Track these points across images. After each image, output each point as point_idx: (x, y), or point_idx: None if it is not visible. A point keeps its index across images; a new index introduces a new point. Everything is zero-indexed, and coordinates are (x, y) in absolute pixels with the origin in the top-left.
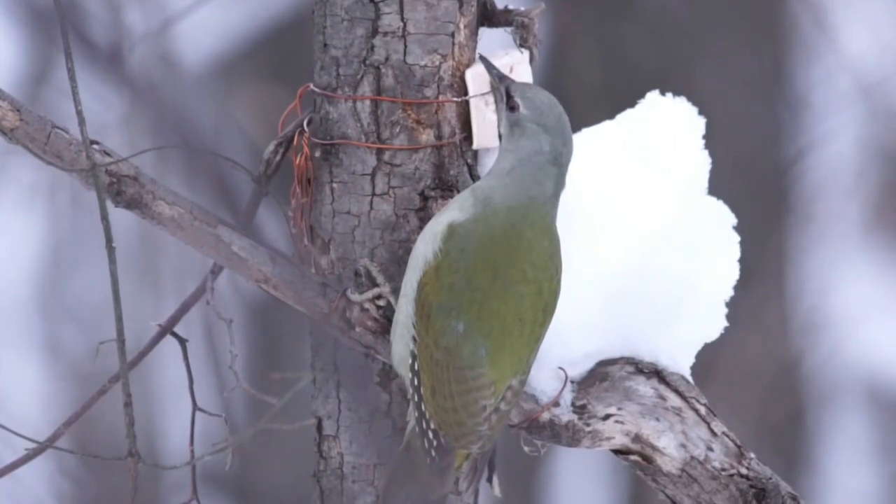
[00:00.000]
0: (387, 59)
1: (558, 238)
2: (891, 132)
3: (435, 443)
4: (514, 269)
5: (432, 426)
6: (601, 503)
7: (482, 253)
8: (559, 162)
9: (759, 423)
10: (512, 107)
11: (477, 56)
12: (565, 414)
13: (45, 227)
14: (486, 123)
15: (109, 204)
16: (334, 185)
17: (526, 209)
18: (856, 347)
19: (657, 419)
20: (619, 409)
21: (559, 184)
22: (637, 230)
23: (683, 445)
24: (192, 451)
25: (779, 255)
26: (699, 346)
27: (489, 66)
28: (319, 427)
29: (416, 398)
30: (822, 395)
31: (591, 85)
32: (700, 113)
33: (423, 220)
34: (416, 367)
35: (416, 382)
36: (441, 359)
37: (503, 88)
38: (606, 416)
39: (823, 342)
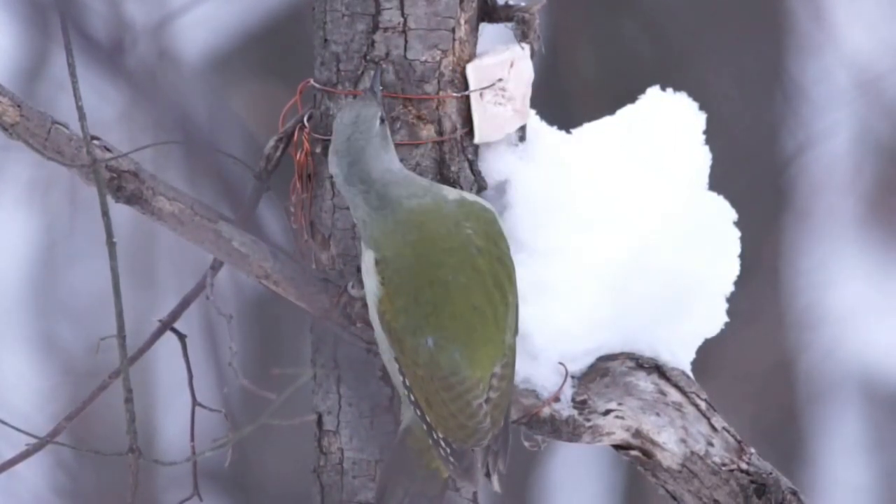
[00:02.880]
0: (387, 54)
1: (474, 208)
2: (888, 128)
3: (448, 450)
4: (439, 267)
5: (441, 435)
6: (597, 498)
7: (409, 269)
8: (351, 181)
9: (754, 418)
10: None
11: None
12: (566, 409)
13: (41, 223)
14: (487, 118)
15: (108, 199)
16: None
17: (381, 228)
18: (851, 343)
19: (657, 414)
20: (620, 404)
21: (367, 199)
22: (637, 226)
23: (684, 440)
24: (193, 447)
25: (775, 252)
26: (700, 342)
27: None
28: (320, 422)
29: (418, 412)
30: (817, 391)
31: (590, 80)
32: (700, 108)
33: None
34: (407, 384)
35: (412, 398)
36: (424, 374)
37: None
38: (607, 412)
39: (819, 338)
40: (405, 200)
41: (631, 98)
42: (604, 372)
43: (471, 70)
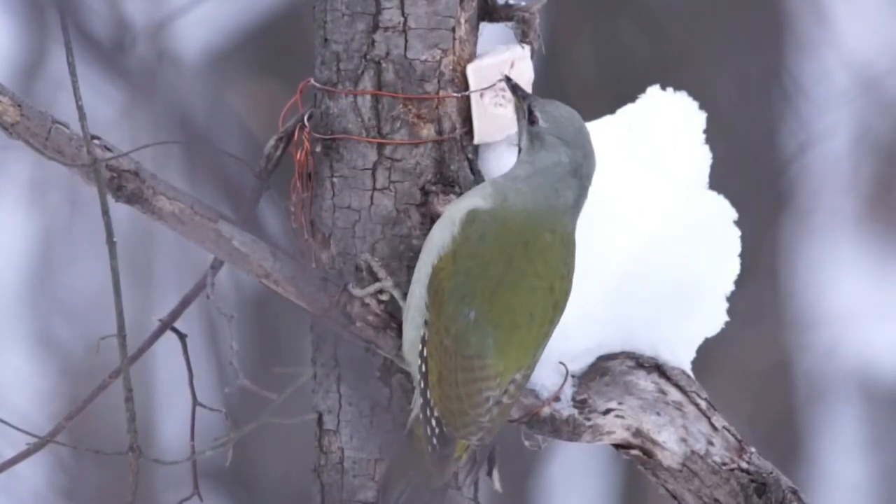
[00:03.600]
0: (387, 54)
1: (575, 245)
2: (887, 127)
3: (437, 430)
4: (528, 263)
5: (436, 413)
6: (596, 497)
7: (499, 243)
8: (579, 174)
9: (754, 417)
10: (532, 121)
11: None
12: (566, 408)
13: (40, 222)
14: (486, 118)
15: (108, 199)
16: (335, 179)
17: (545, 214)
18: (850, 342)
19: (658, 413)
20: (620, 403)
21: (581, 195)
22: (638, 225)
23: (684, 440)
24: (193, 447)
25: (775, 251)
26: (700, 341)
27: (514, 88)
28: (320, 422)
29: (422, 384)
30: (816, 390)
31: (590, 79)
32: (700, 108)
33: (424, 215)
34: (424, 354)
35: (423, 369)
36: (450, 346)
37: (526, 105)
38: (607, 411)
39: (818, 337)
40: (576, 218)
41: (631, 97)
42: (604, 371)
43: (471, 71)
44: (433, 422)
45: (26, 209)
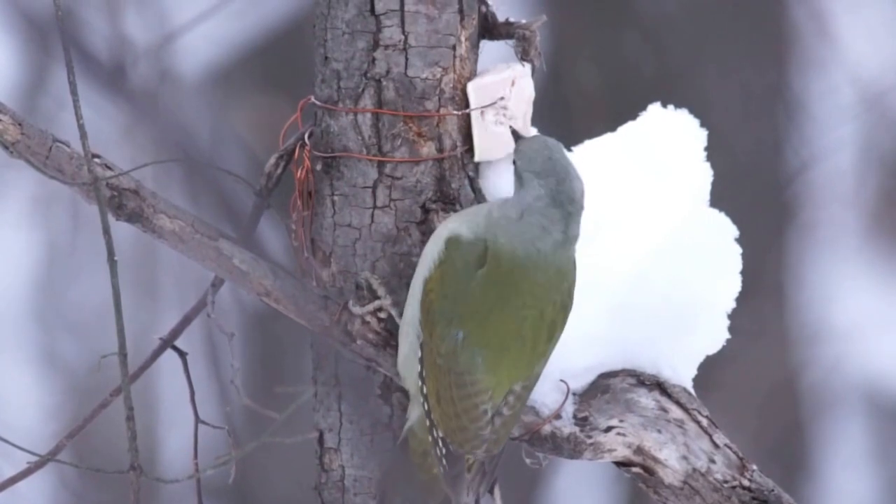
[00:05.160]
0: (388, 71)
1: (573, 267)
2: (892, 142)
3: (444, 450)
4: (516, 297)
5: (440, 434)
6: None
7: (487, 277)
8: (558, 201)
9: (758, 432)
10: (514, 161)
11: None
12: (567, 426)
13: (43, 240)
14: (487, 136)
15: (109, 216)
16: (335, 197)
17: (534, 259)
18: (855, 357)
19: (659, 431)
20: (621, 421)
21: (569, 222)
22: (639, 242)
23: (685, 457)
24: (197, 465)
25: (779, 267)
26: (701, 358)
27: (513, 133)
28: (321, 440)
29: (425, 406)
30: (821, 404)
31: (591, 96)
32: (701, 125)
33: (425, 233)
34: (423, 374)
35: (424, 390)
36: (443, 365)
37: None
38: (608, 429)
39: (823, 352)
40: (573, 243)
41: (632, 115)
42: (605, 388)
43: (471, 89)
44: (440, 442)
45: (30, 226)
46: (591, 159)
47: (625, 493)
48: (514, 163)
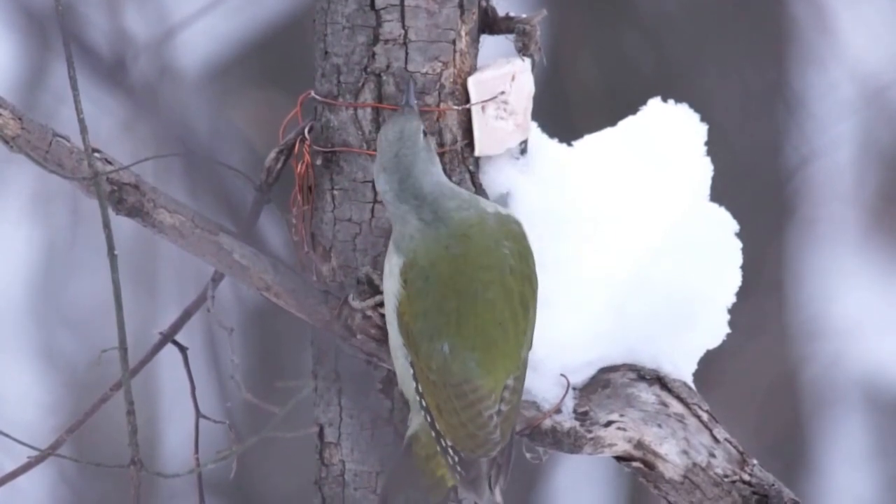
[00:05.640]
0: (388, 66)
1: (513, 230)
2: (891, 138)
3: (457, 458)
4: (471, 281)
5: (449, 443)
6: None
7: (438, 279)
8: (402, 198)
9: (758, 428)
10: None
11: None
12: (567, 421)
13: (43, 235)
14: (487, 131)
15: (109, 211)
16: (335, 192)
17: (424, 240)
18: (855, 353)
19: (659, 426)
20: (621, 415)
21: (420, 213)
22: (639, 237)
23: (685, 452)
24: (198, 459)
25: (778, 263)
26: (701, 353)
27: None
28: (321, 434)
29: (428, 419)
30: (821, 401)
31: (591, 91)
32: (701, 120)
33: None
34: (419, 389)
35: (423, 404)
36: (436, 380)
37: None
38: (608, 423)
39: (823, 348)
40: (455, 213)
41: (632, 109)
42: (605, 383)
43: (472, 84)
44: (450, 451)
45: (29, 222)
46: (590, 154)
47: (626, 486)
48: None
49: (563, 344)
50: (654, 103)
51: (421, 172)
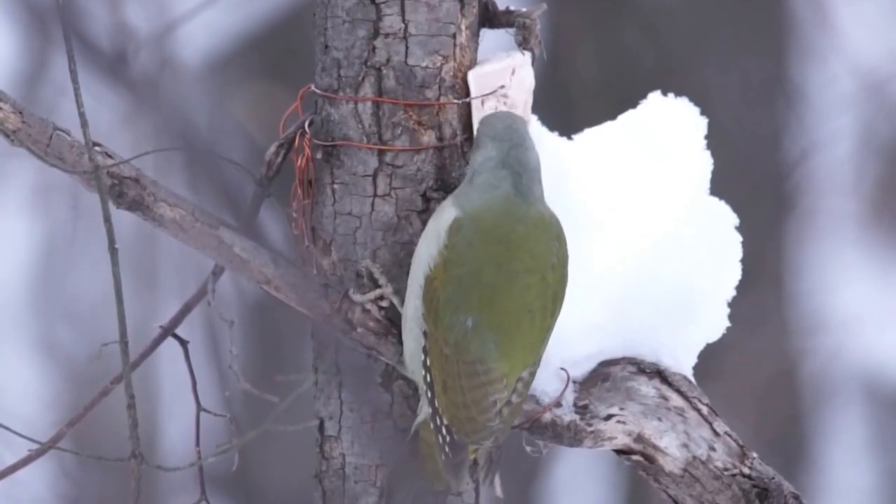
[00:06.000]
0: (388, 60)
1: (560, 230)
2: (890, 131)
3: (448, 438)
4: (516, 261)
5: (445, 422)
6: (600, 500)
7: (484, 248)
8: (507, 163)
9: (758, 422)
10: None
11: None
12: (567, 414)
13: (43, 229)
14: None
15: (110, 205)
16: (335, 186)
17: (499, 209)
18: (854, 346)
19: (659, 419)
20: (621, 409)
21: (518, 183)
22: (639, 230)
23: (685, 445)
24: (199, 452)
25: (778, 256)
26: (701, 346)
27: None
28: (321, 428)
29: (429, 394)
30: (820, 394)
31: (591, 85)
32: (701, 113)
33: (426, 222)
34: (427, 363)
35: (428, 379)
36: (451, 354)
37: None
38: (608, 417)
39: (823, 342)
40: (538, 202)
41: (632, 103)
42: (605, 377)
43: (472, 78)
44: (443, 430)
45: (29, 215)
46: (591, 148)
47: (626, 480)
48: (476, 133)
49: (564, 337)
50: (654, 97)
51: (531, 146)
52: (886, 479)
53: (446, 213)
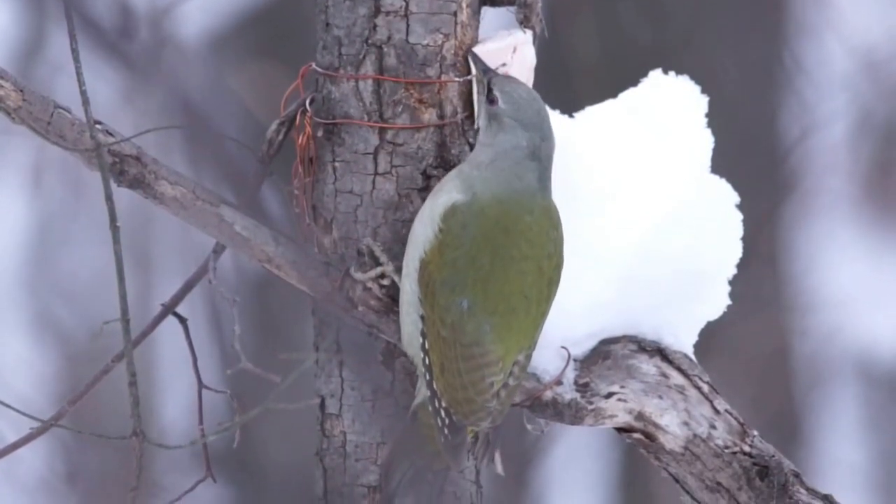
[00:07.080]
0: (389, 38)
1: (558, 217)
2: (887, 111)
3: (447, 420)
4: (514, 249)
5: (444, 404)
6: (598, 479)
7: (482, 233)
8: (538, 156)
9: (754, 400)
10: (491, 100)
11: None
12: (568, 392)
13: (42, 207)
14: None
15: (111, 183)
16: (336, 164)
17: (515, 199)
18: (849, 326)
19: (660, 397)
20: (622, 387)
21: (543, 177)
22: (640, 209)
23: (686, 423)
24: (202, 430)
25: (774, 236)
26: (702, 325)
27: (475, 60)
28: (322, 406)
29: (427, 376)
30: (815, 373)
31: (592, 63)
32: (702, 91)
33: (426, 200)
34: (425, 346)
35: (426, 361)
36: (448, 336)
37: (486, 81)
38: (609, 395)
39: (818, 321)
40: (549, 194)
41: (633, 81)
42: (606, 355)
43: (473, 56)
44: (442, 412)
45: (28, 194)
46: (592, 126)
47: (623, 457)
48: (493, 102)
49: (564, 315)
50: (655, 75)
51: (553, 134)
52: (880, 457)
53: (444, 196)
